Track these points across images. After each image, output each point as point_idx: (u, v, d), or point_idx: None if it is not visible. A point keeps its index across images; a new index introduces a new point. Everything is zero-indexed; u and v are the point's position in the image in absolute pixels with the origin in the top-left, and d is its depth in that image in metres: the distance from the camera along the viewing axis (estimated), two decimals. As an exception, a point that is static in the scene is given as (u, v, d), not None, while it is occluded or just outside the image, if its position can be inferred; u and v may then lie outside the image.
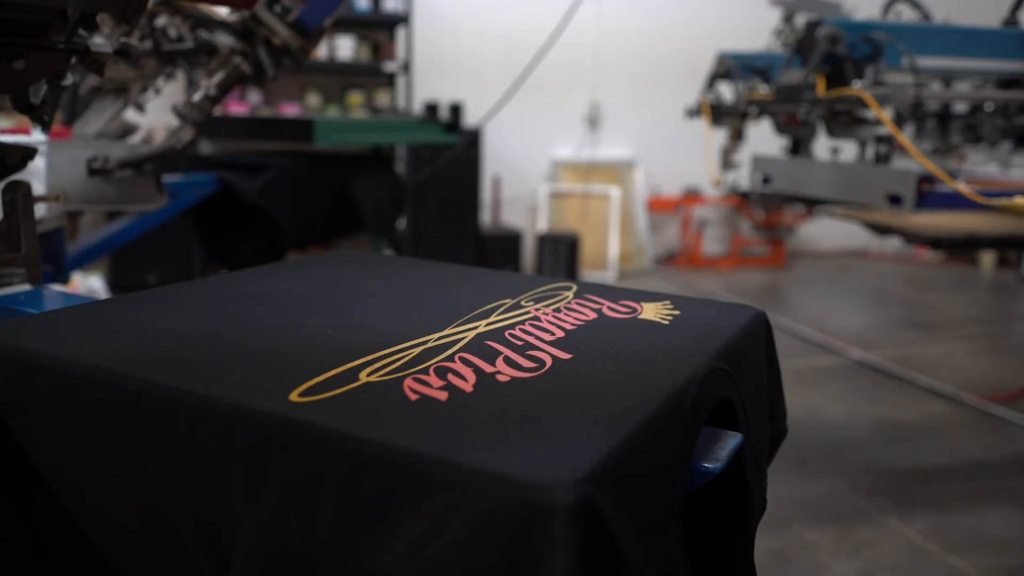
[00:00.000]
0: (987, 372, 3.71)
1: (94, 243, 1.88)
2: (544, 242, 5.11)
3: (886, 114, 1.87)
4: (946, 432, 2.93)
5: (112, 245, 1.92)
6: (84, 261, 1.91)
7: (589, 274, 5.66)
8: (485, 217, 5.54)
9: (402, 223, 4.71)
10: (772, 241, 6.30)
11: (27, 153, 0.97)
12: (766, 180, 2.34)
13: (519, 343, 0.69)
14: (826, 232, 6.56)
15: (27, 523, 0.69)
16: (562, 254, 5.03)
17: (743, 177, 2.60)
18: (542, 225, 5.78)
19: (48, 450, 0.64)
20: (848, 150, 2.23)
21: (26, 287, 0.96)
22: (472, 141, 5.00)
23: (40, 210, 1.21)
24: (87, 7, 0.80)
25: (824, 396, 3.29)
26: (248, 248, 2.33)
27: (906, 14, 2.70)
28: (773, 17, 3.09)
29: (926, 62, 1.97)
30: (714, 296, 4.73)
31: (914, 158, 1.75)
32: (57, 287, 1.15)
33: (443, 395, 0.57)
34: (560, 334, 0.73)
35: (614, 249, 5.81)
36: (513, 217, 5.88)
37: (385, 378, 0.60)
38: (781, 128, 2.39)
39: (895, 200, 1.82)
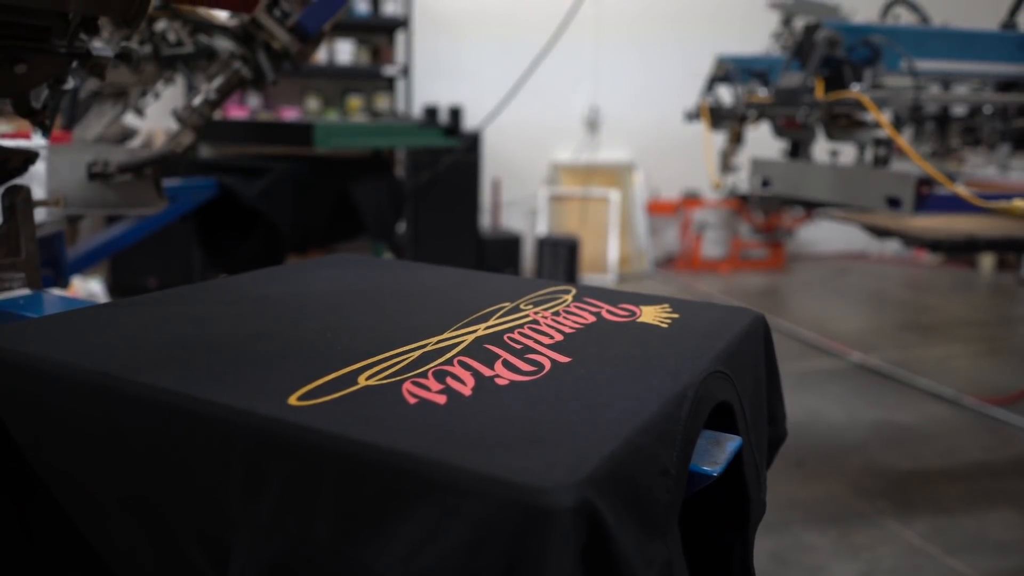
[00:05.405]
0: (986, 374, 3.71)
1: (94, 247, 1.88)
2: (544, 245, 5.11)
3: (885, 117, 1.87)
4: (946, 434, 2.92)
5: (112, 249, 1.92)
6: (84, 265, 1.91)
7: (588, 277, 5.66)
8: (485, 220, 5.54)
9: (402, 227, 4.71)
10: (771, 244, 6.30)
11: (28, 157, 0.97)
12: (765, 183, 2.34)
13: (518, 347, 0.69)
14: (825, 235, 6.56)
15: (26, 526, 0.69)
16: (561, 257, 5.02)
17: (742, 180, 2.60)
18: (542, 228, 5.78)
19: (47, 453, 0.64)
20: (847, 153, 2.23)
21: (26, 291, 0.96)
22: (472, 144, 5.00)
23: (40, 214, 1.21)
24: (88, 11, 0.80)
25: (824, 399, 3.29)
26: (248, 252, 2.34)
27: (904, 17, 2.70)
28: (773, 19, 3.09)
29: (925, 65, 1.97)
30: (713, 299, 4.72)
31: (913, 161, 1.75)
32: (57, 291, 1.14)
33: (442, 399, 0.57)
34: (559, 338, 0.73)
35: (613, 252, 5.81)
36: (513, 220, 5.89)
37: (384, 382, 0.60)
38: (780, 131, 2.40)
39: (894, 203, 1.82)
